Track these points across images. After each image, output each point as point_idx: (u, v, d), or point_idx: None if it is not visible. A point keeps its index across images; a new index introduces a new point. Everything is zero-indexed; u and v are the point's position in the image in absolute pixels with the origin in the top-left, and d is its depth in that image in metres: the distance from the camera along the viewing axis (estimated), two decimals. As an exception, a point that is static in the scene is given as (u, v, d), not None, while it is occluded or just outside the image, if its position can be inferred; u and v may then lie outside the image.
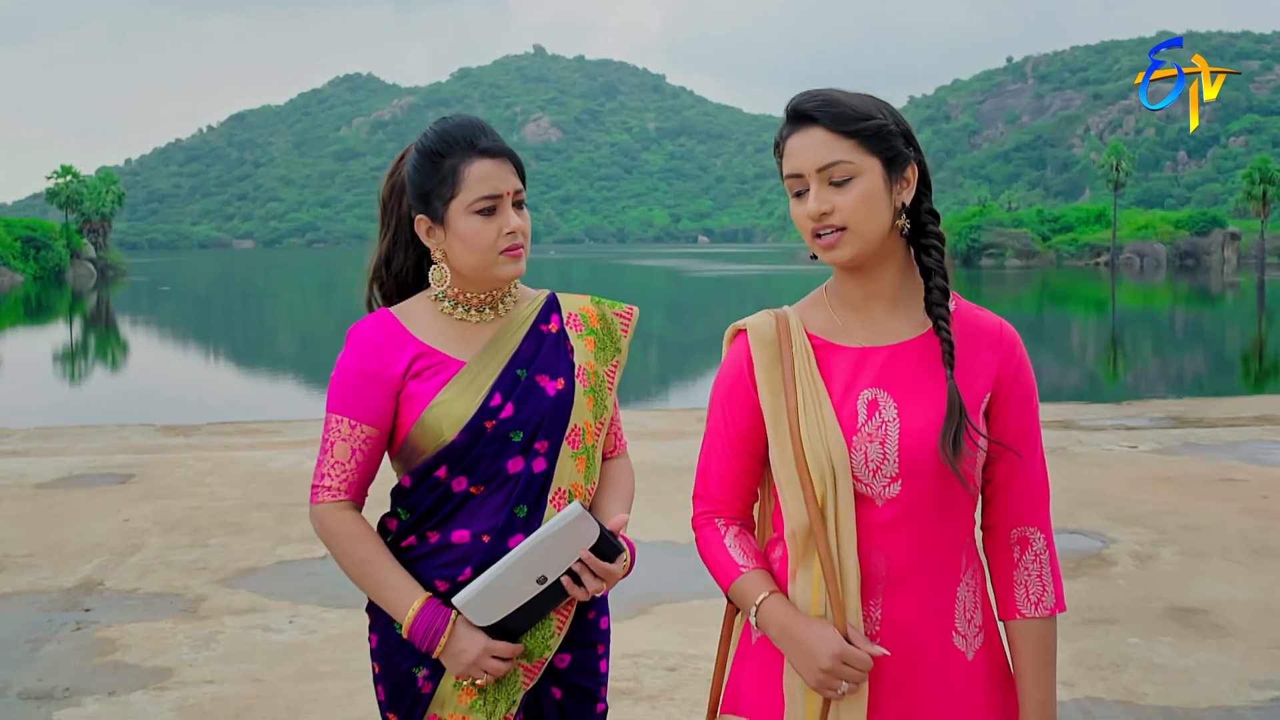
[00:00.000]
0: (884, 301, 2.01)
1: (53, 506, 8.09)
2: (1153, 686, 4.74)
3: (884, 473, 1.93)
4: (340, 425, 2.19)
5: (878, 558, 1.96)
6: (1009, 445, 1.99)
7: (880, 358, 1.99)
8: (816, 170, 1.92)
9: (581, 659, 2.31)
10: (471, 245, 2.18)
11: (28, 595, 6.07)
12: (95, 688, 4.82)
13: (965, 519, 2.00)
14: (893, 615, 1.96)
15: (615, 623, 5.56)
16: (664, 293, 60.76)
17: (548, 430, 2.20)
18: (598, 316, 2.36)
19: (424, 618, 2.13)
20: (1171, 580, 6.15)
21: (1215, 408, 12.94)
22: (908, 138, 1.97)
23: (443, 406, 2.16)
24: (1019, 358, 2.00)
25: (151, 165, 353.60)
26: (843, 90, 1.98)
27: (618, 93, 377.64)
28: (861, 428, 1.94)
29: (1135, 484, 8.50)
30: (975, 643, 2.00)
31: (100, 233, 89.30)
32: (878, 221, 1.94)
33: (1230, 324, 41.09)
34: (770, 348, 2.02)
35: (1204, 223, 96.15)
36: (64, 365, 28.67)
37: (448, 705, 2.19)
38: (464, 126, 2.20)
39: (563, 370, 2.25)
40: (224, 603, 5.93)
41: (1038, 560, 2.02)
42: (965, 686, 1.98)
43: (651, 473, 9.00)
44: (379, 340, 2.21)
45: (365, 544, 2.19)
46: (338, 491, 2.20)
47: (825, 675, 1.91)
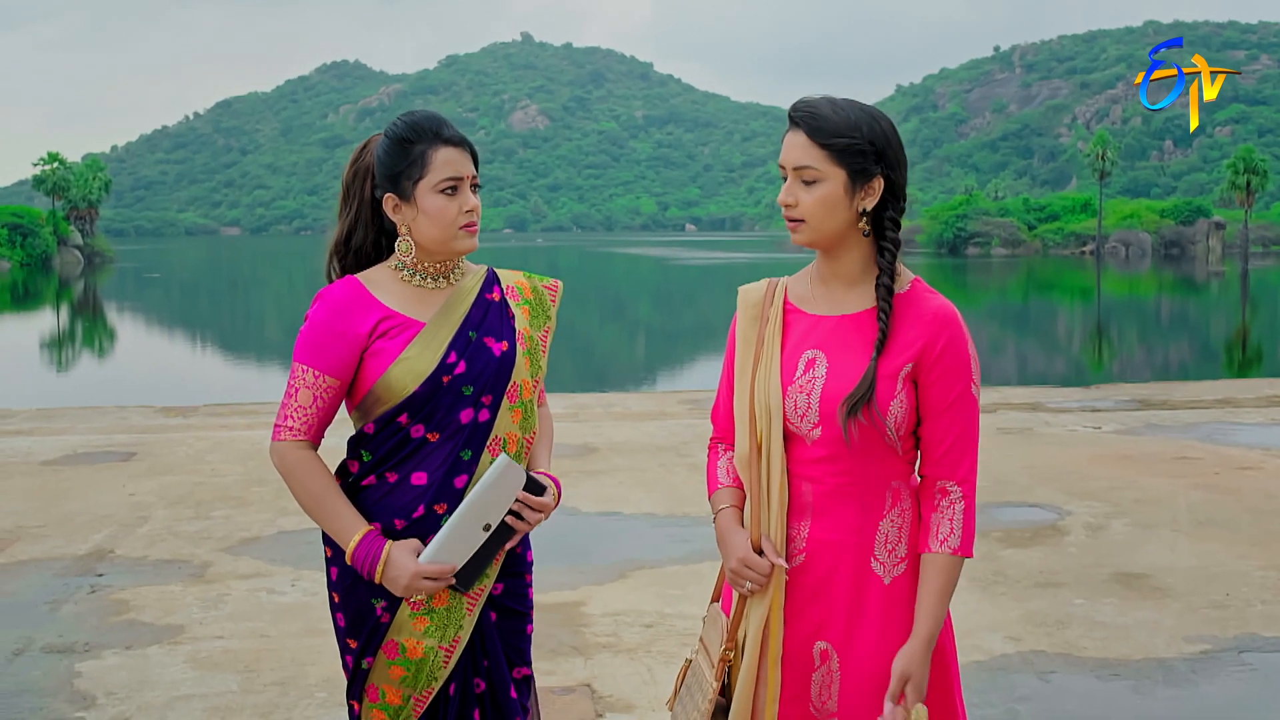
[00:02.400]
0: (844, 281, 2.43)
1: (60, 482, 8.43)
2: (1092, 641, 5.14)
3: (808, 419, 2.36)
4: (305, 374, 2.53)
5: (806, 488, 2.39)
6: (932, 410, 2.35)
7: (828, 324, 2.41)
8: (793, 168, 2.36)
9: (512, 586, 2.68)
10: (436, 220, 2.56)
11: (43, 562, 6.42)
12: (113, 642, 5.19)
13: (891, 464, 2.38)
14: (817, 537, 2.38)
15: (597, 586, 6.00)
16: (650, 281, 61.06)
17: (493, 386, 2.58)
18: (530, 289, 2.75)
19: (362, 547, 2.49)
20: (1119, 548, 6.55)
21: (1179, 391, 13.36)
22: (880, 155, 2.34)
23: (408, 362, 2.52)
24: (948, 338, 2.35)
25: (138, 152, 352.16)
26: (835, 102, 2.36)
27: (605, 80, 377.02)
28: (797, 379, 2.38)
29: (1094, 461, 8.91)
30: (895, 570, 2.38)
31: (87, 220, 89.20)
32: (832, 221, 2.36)
33: (1213, 312, 41.58)
34: (753, 309, 2.50)
35: (1189, 212, 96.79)
36: (54, 351, 28.90)
37: (404, 631, 2.56)
38: (430, 119, 2.59)
39: (506, 334, 2.64)
40: (229, 568, 6.30)
41: (952, 508, 2.36)
42: (880, 606, 2.37)
43: (635, 451, 9.40)
44: (348, 302, 2.55)
45: (319, 479, 2.55)
46: (298, 432, 2.55)
47: (732, 574, 2.40)
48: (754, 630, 2.38)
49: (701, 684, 2.46)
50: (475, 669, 2.62)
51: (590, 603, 5.67)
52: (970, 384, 2.36)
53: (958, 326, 2.35)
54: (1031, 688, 4.64)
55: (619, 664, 4.89)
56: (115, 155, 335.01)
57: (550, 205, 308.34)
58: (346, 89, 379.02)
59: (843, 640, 2.36)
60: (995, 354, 27.21)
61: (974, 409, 2.37)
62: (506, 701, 2.63)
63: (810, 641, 2.38)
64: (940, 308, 2.36)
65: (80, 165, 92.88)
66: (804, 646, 2.39)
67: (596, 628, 5.33)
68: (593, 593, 5.83)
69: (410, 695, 2.58)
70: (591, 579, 6.04)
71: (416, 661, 2.56)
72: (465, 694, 2.61)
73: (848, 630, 2.36)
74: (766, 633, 2.38)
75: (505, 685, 2.64)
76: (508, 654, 2.66)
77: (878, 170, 2.34)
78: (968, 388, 2.35)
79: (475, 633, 2.62)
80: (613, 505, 7.64)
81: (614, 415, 11.48)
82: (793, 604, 2.39)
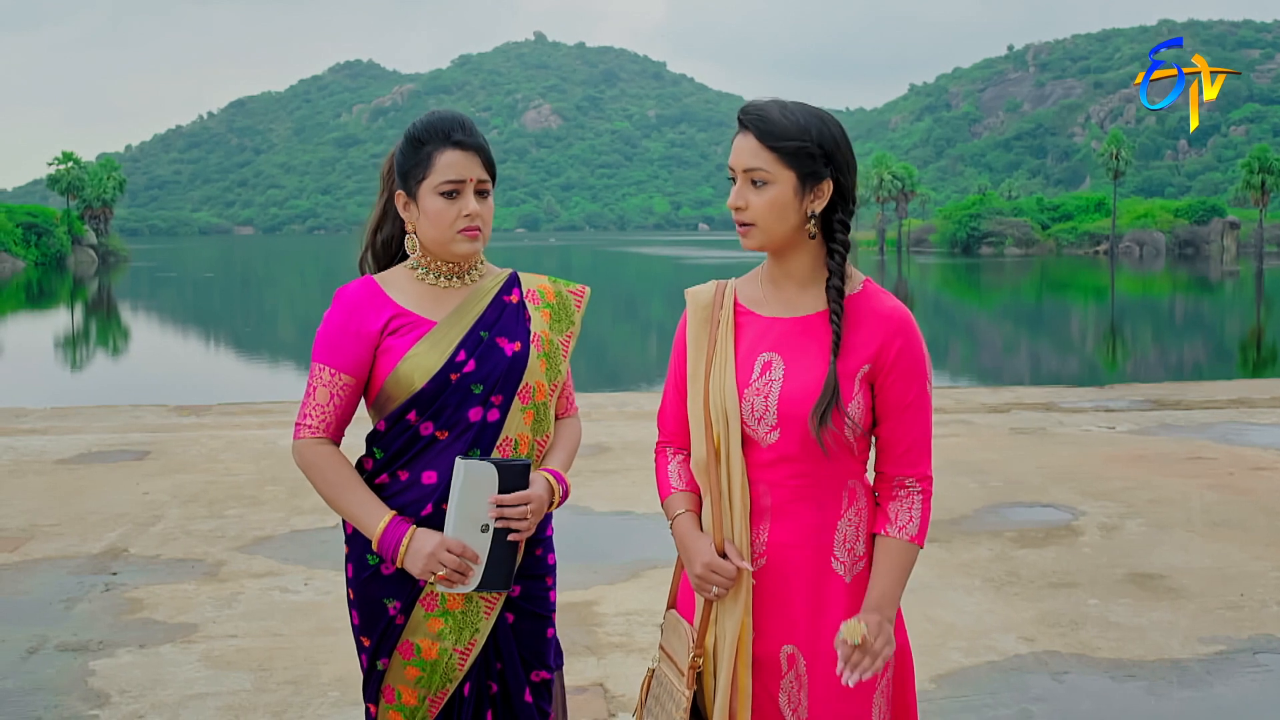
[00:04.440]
0: (795, 282, 2.43)
1: (74, 481, 8.46)
2: (1107, 642, 5.12)
3: (765, 421, 2.35)
4: (322, 373, 2.57)
5: (764, 491, 2.38)
6: (891, 410, 2.36)
7: (782, 327, 2.41)
8: (743, 170, 2.36)
9: (530, 589, 2.68)
10: (434, 221, 2.58)
11: (57, 561, 6.44)
12: (127, 641, 5.20)
13: (846, 464, 2.38)
14: (777, 540, 2.38)
15: (610, 586, 5.99)
16: (663, 280, 61.03)
17: (503, 386, 2.59)
18: (554, 293, 2.75)
19: (390, 531, 2.52)
20: (1134, 549, 6.53)
21: (1193, 391, 13.31)
22: (829, 157, 2.34)
23: (415, 359, 2.54)
24: (903, 341, 2.35)
25: (152, 152, 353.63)
26: (785, 105, 2.36)
27: (618, 80, 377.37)
28: (753, 383, 2.38)
29: (1108, 462, 8.88)
30: (855, 569, 2.39)
31: (101, 219, 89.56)
32: (782, 224, 2.35)
33: (1227, 312, 41.41)
34: (703, 311, 2.50)
35: (1203, 211, 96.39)
36: (68, 351, 29.00)
37: (419, 632, 2.58)
38: (445, 120, 2.60)
39: (520, 335, 2.64)
40: (243, 567, 6.31)
41: (910, 498, 2.39)
42: (844, 605, 2.37)
43: (648, 450, 9.38)
44: (360, 301, 2.59)
45: (340, 471, 2.57)
46: (317, 429, 2.58)
47: (698, 580, 2.38)
48: (730, 636, 2.37)
49: (672, 693, 2.44)
50: (489, 671, 2.62)
51: (603, 602, 5.67)
52: (926, 383, 2.39)
53: (911, 328, 2.37)
54: (1045, 688, 4.63)
55: (631, 664, 4.89)
56: (129, 155, 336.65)
57: (563, 205, 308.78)
58: (360, 88, 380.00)
59: (808, 642, 2.36)
60: (1009, 354, 27.18)
61: (929, 408, 2.41)
62: (520, 705, 2.63)
63: (778, 645, 2.38)
64: (893, 309, 2.37)
65: (95, 165, 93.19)
66: (772, 651, 2.38)
67: (609, 627, 5.33)
68: (605, 592, 5.83)
69: (425, 696, 2.58)
70: (604, 578, 6.04)
71: (431, 663, 2.57)
72: (480, 695, 2.61)
73: (812, 632, 2.36)
74: (739, 638, 2.37)
75: (520, 688, 2.63)
76: (524, 656, 2.65)
77: (827, 173, 2.34)
78: (924, 388, 2.38)
79: (491, 635, 2.62)
80: (625, 505, 7.63)
81: (627, 415, 11.47)
82: (758, 608, 2.39)
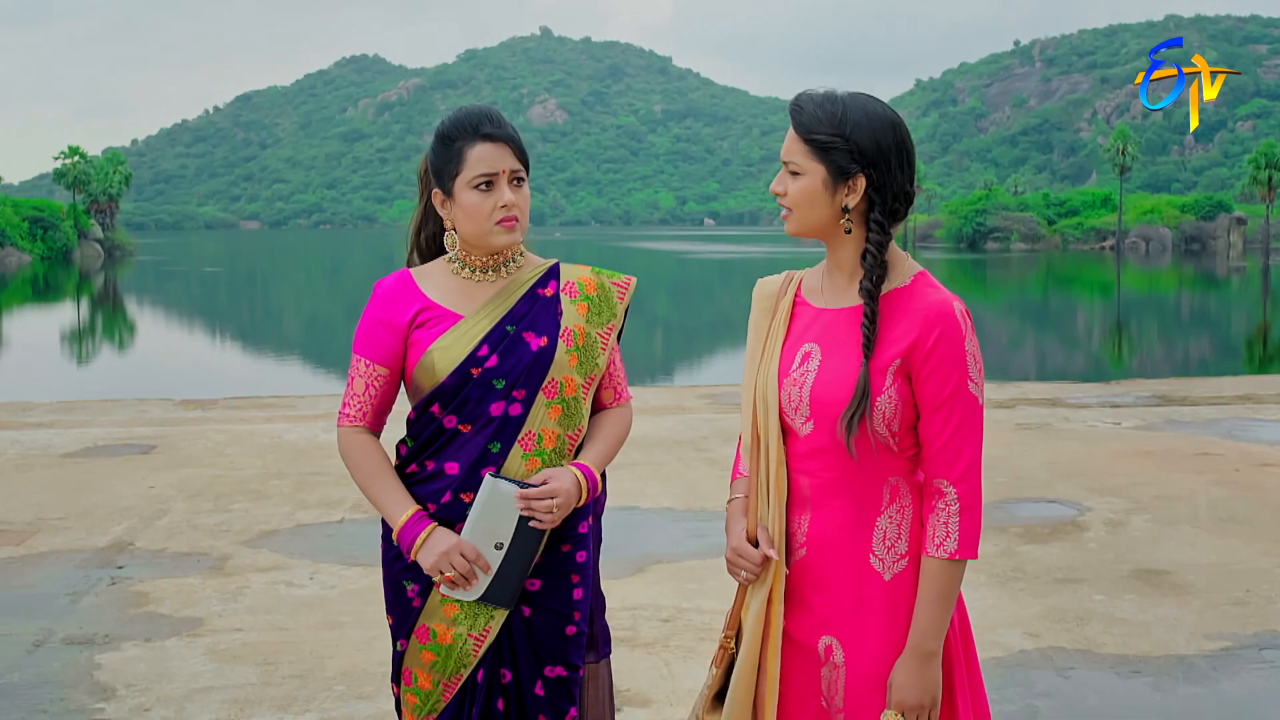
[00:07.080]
0: (845, 273, 2.42)
1: (80, 474, 8.48)
2: (1112, 638, 5.12)
3: (800, 413, 2.37)
4: (359, 364, 2.66)
5: (802, 481, 2.39)
6: (927, 406, 2.30)
7: (828, 317, 2.41)
8: (784, 160, 2.40)
9: (551, 585, 2.68)
10: (471, 215, 2.61)
11: (63, 554, 6.46)
12: (132, 634, 5.21)
13: (885, 460, 2.33)
14: (816, 532, 2.38)
15: (615, 580, 5.99)
16: (669, 275, 61.07)
17: (526, 380, 2.61)
18: (595, 285, 2.76)
19: (410, 525, 2.58)
20: (1140, 544, 6.52)
21: (1200, 387, 13.28)
22: (861, 154, 2.31)
23: (437, 352, 2.60)
24: (941, 333, 2.29)
25: (158, 146, 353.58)
26: (827, 98, 2.34)
27: (624, 75, 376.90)
28: (792, 372, 2.39)
29: (1114, 457, 8.87)
30: (895, 567, 2.34)
31: (107, 213, 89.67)
32: (814, 213, 2.37)
33: (1234, 308, 41.36)
34: (766, 301, 2.52)
35: (1210, 207, 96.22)
36: (74, 345, 29.07)
37: (435, 616, 2.64)
38: (473, 115, 2.63)
39: (548, 330, 2.65)
40: (248, 561, 6.32)
41: (947, 509, 2.31)
42: (883, 604, 2.34)
43: (653, 445, 9.39)
44: (393, 294, 2.67)
45: (373, 461, 2.65)
46: (355, 418, 2.67)
47: (728, 563, 2.46)
48: (753, 619, 2.40)
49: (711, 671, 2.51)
50: (502, 659, 2.65)
51: (608, 597, 5.63)
52: (966, 380, 2.28)
53: (951, 321, 2.29)
54: (1051, 684, 4.63)
55: (636, 658, 4.90)
56: (135, 149, 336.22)
57: (569, 199, 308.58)
58: (365, 83, 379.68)
59: (848, 637, 2.35)
60: (1014, 349, 27.16)
61: (972, 405, 2.30)
62: (531, 697, 2.65)
63: (815, 635, 2.38)
64: (936, 303, 2.31)
65: (100, 159, 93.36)
66: (809, 640, 2.38)
67: (614, 621, 5.31)
68: (610, 587, 5.76)
69: (440, 680, 2.64)
70: (609, 573, 5.97)
71: (446, 647, 2.62)
72: (492, 683, 2.65)
73: (853, 627, 2.35)
74: (766, 624, 2.39)
75: (531, 680, 2.65)
76: (538, 651, 2.66)
77: (857, 169, 2.32)
78: (963, 384, 2.28)
79: (505, 625, 2.65)
80: (631, 500, 7.63)
81: (634, 409, 11.45)
82: (796, 596, 2.40)
